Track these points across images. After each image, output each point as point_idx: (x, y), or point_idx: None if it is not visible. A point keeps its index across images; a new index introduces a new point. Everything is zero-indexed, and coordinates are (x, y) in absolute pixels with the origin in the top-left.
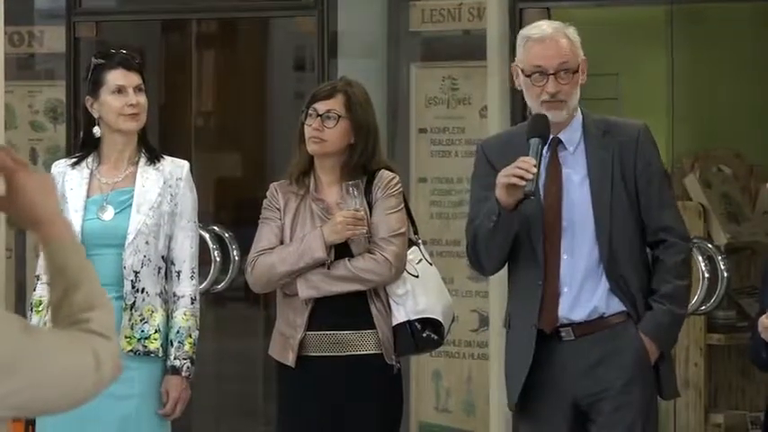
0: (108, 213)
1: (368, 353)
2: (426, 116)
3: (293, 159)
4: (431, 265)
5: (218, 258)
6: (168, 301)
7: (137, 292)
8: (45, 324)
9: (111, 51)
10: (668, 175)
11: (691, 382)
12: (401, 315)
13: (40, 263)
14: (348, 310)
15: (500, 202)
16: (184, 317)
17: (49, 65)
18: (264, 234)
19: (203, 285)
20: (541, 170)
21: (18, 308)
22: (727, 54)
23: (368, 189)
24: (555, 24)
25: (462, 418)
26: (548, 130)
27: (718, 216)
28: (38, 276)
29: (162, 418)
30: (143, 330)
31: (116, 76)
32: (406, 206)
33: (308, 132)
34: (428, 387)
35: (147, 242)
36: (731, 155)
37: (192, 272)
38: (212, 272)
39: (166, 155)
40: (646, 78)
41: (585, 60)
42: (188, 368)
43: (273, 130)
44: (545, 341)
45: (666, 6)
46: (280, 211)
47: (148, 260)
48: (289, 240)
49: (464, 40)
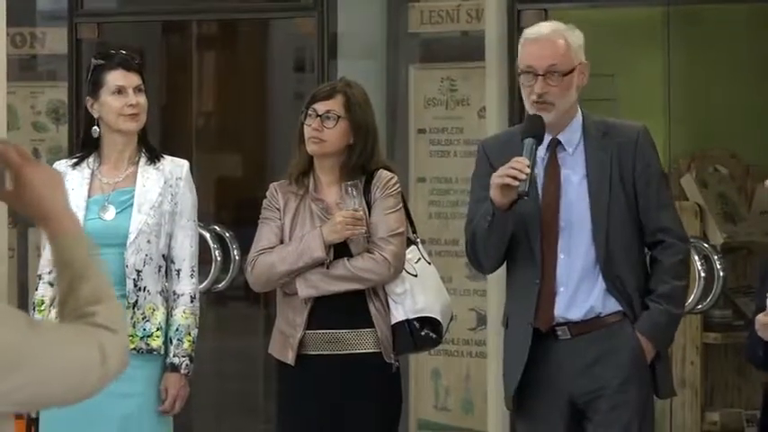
0: (109, 213)
1: (367, 351)
2: (425, 117)
3: (293, 159)
4: (429, 264)
5: (218, 258)
6: (169, 300)
7: (139, 290)
8: None
9: (111, 52)
10: (667, 177)
11: (687, 380)
12: (400, 314)
13: (42, 262)
14: (347, 309)
15: (494, 203)
16: (184, 315)
17: (51, 66)
18: (264, 234)
19: (204, 285)
20: (540, 170)
21: (20, 307)
22: (723, 55)
23: (367, 189)
24: (556, 26)
25: (461, 416)
26: (542, 131)
27: (715, 216)
28: (40, 276)
29: (164, 417)
30: (145, 328)
31: (116, 77)
32: (405, 206)
33: (307, 133)
34: (427, 385)
35: (149, 241)
36: (727, 155)
37: (192, 270)
38: (213, 271)
39: (167, 155)
40: (642, 79)
41: (587, 64)
42: (187, 366)
43: (273, 130)
44: (542, 340)
45: (663, 8)
46: (279, 210)
47: (150, 259)
48: (288, 240)
49: (462, 42)
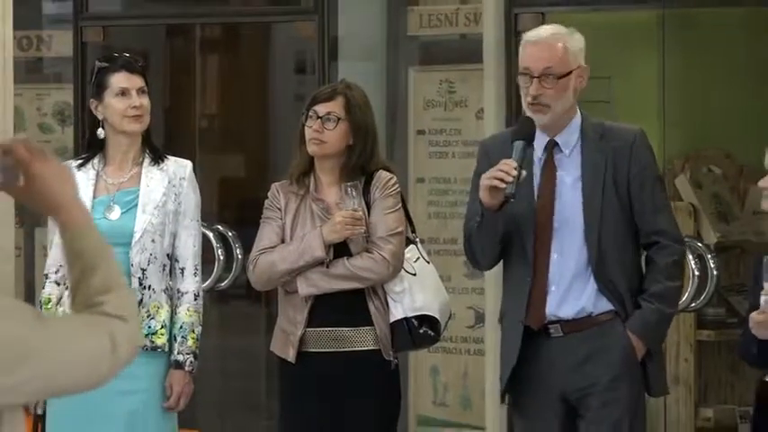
0: (115, 213)
1: (366, 349)
2: (424, 118)
3: (294, 160)
4: (428, 263)
5: (221, 257)
6: (173, 298)
7: (144, 289)
8: None
9: (115, 55)
10: (662, 180)
11: (681, 377)
12: (399, 312)
13: (49, 262)
14: (347, 307)
15: (483, 204)
16: (188, 312)
17: (56, 68)
18: (266, 233)
19: (207, 283)
20: (537, 171)
21: None
22: (718, 58)
23: (366, 189)
24: (556, 29)
25: (459, 412)
26: (533, 133)
27: (709, 216)
28: (46, 275)
29: (169, 413)
30: (150, 326)
31: (119, 79)
32: (404, 206)
33: (308, 134)
34: (426, 382)
35: (153, 240)
36: (721, 155)
37: (196, 269)
38: (216, 270)
39: (171, 156)
40: (638, 82)
41: (586, 68)
42: (191, 363)
43: (275, 131)
44: (534, 337)
45: (658, 11)
46: (281, 210)
47: (154, 258)
48: (289, 239)
49: (461, 45)
